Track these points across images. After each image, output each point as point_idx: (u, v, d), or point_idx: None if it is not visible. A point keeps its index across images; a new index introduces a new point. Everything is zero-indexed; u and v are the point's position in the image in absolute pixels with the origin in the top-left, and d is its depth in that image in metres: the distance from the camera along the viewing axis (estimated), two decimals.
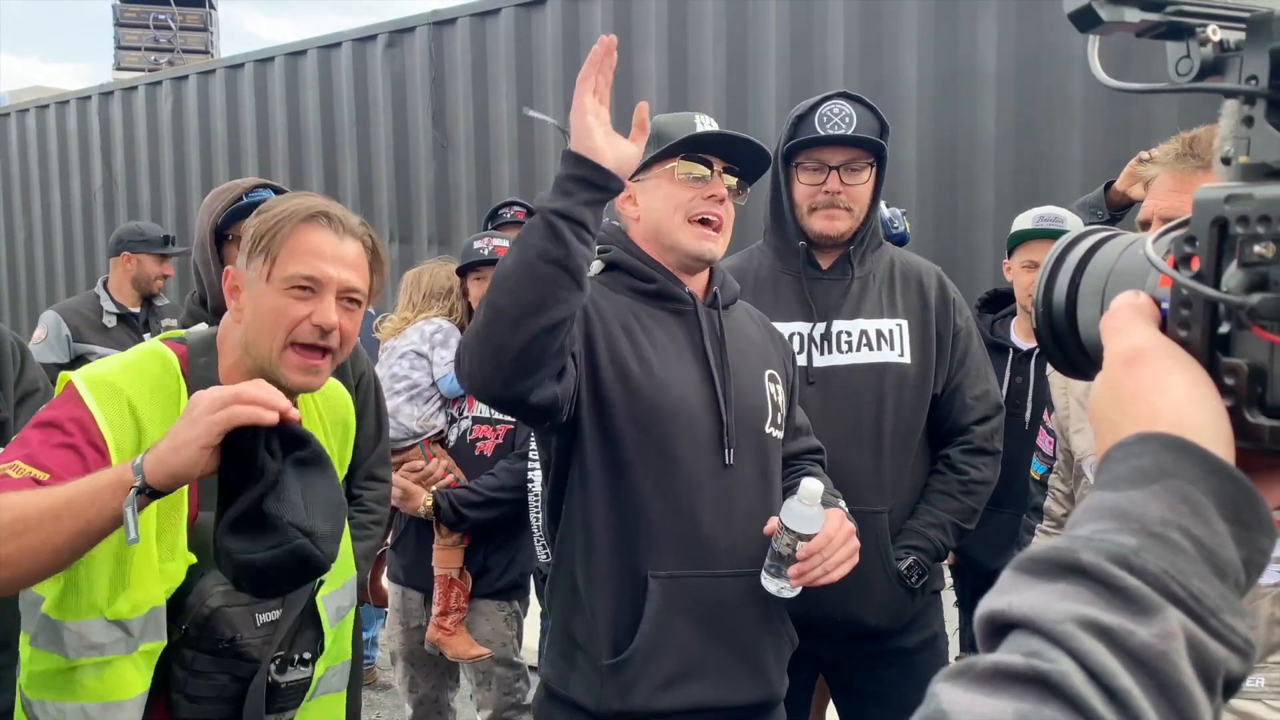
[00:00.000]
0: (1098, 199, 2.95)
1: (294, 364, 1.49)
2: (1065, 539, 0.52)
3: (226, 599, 1.47)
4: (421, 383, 2.86)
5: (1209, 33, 0.59)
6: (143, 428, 1.42)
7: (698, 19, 5.16)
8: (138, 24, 9.78)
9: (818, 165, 2.09)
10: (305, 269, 1.48)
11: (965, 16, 4.33)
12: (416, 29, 6.29)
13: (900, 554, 2.10)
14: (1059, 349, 0.69)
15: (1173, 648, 0.47)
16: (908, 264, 2.25)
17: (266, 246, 1.50)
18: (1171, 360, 0.57)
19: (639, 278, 1.74)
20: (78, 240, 8.36)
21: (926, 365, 2.15)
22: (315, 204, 1.54)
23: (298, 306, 1.48)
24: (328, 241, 1.51)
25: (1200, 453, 0.53)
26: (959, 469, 2.18)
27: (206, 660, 1.48)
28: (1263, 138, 0.58)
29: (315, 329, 1.48)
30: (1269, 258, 0.53)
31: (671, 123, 1.75)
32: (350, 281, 1.53)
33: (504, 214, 3.58)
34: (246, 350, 1.52)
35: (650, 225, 1.74)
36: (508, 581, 2.91)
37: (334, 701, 1.73)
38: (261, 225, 1.52)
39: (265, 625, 1.52)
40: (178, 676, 1.47)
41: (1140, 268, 0.62)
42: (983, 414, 2.22)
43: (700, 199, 1.70)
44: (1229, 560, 0.51)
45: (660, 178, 1.72)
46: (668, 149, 1.70)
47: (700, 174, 1.71)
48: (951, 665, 0.50)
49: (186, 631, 1.46)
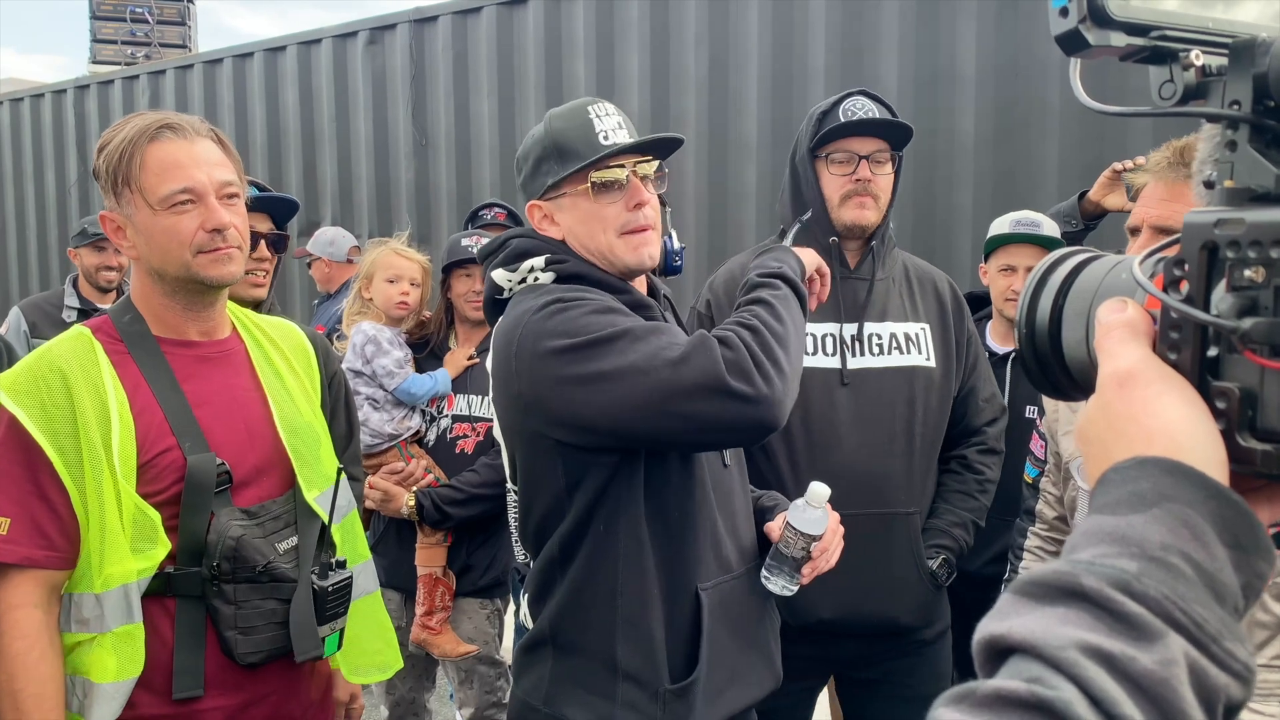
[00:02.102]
0: (1071, 208, 2.98)
1: (207, 265, 1.56)
2: (1065, 563, 0.52)
3: (246, 529, 1.54)
4: (376, 395, 2.80)
5: (1192, 58, 0.60)
6: (73, 391, 1.46)
7: (679, 20, 5.17)
8: (114, 17, 9.67)
9: (847, 156, 2.11)
10: (177, 183, 1.53)
11: (945, 21, 4.36)
12: (398, 26, 6.26)
13: (930, 553, 2.15)
14: (1041, 370, 0.69)
15: (1175, 674, 0.47)
16: (920, 268, 2.30)
17: (126, 177, 1.54)
18: (1165, 383, 0.57)
19: (609, 289, 1.61)
20: (52, 235, 8.25)
21: (949, 369, 2.20)
22: (152, 119, 1.58)
23: (186, 221, 1.54)
24: (182, 150, 1.55)
25: (1198, 476, 0.52)
26: (975, 468, 2.24)
27: (247, 589, 1.54)
28: (1247, 162, 0.59)
29: (211, 234, 1.54)
30: (1259, 282, 0.54)
31: (568, 129, 1.59)
32: (222, 176, 1.58)
33: (484, 215, 3.57)
34: (159, 278, 1.58)
35: (579, 246, 1.63)
36: (490, 579, 2.91)
37: (373, 602, 1.80)
38: (109, 158, 1.55)
39: (288, 551, 1.59)
40: (224, 613, 1.52)
41: (1126, 289, 0.63)
42: (992, 415, 2.30)
43: (625, 210, 1.58)
44: (1228, 585, 0.51)
45: (575, 197, 1.60)
46: (577, 171, 1.57)
47: (615, 182, 1.57)
48: (952, 690, 0.49)
49: (219, 568, 1.52)
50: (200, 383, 1.59)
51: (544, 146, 1.62)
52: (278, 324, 1.81)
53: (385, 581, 2.93)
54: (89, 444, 1.45)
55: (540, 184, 1.64)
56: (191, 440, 1.53)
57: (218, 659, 1.53)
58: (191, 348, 1.62)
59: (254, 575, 1.54)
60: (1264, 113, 0.58)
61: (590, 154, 1.56)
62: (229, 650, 1.53)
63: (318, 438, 1.71)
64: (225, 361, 1.65)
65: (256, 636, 1.55)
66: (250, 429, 1.62)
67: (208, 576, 1.51)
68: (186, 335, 1.61)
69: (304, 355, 1.81)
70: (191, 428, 1.54)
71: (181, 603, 1.51)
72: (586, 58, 5.47)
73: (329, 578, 1.61)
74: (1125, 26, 0.60)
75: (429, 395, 2.82)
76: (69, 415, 1.45)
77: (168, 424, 1.52)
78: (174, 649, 1.51)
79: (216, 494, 1.53)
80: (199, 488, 1.51)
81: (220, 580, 1.52)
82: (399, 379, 2.78)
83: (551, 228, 1.66)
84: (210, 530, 1.51)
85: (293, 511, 1.63)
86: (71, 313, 4.03)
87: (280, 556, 1.57)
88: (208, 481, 1.52)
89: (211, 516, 1.52)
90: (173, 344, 1.60)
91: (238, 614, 1.53)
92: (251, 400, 1.64)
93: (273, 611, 1.56)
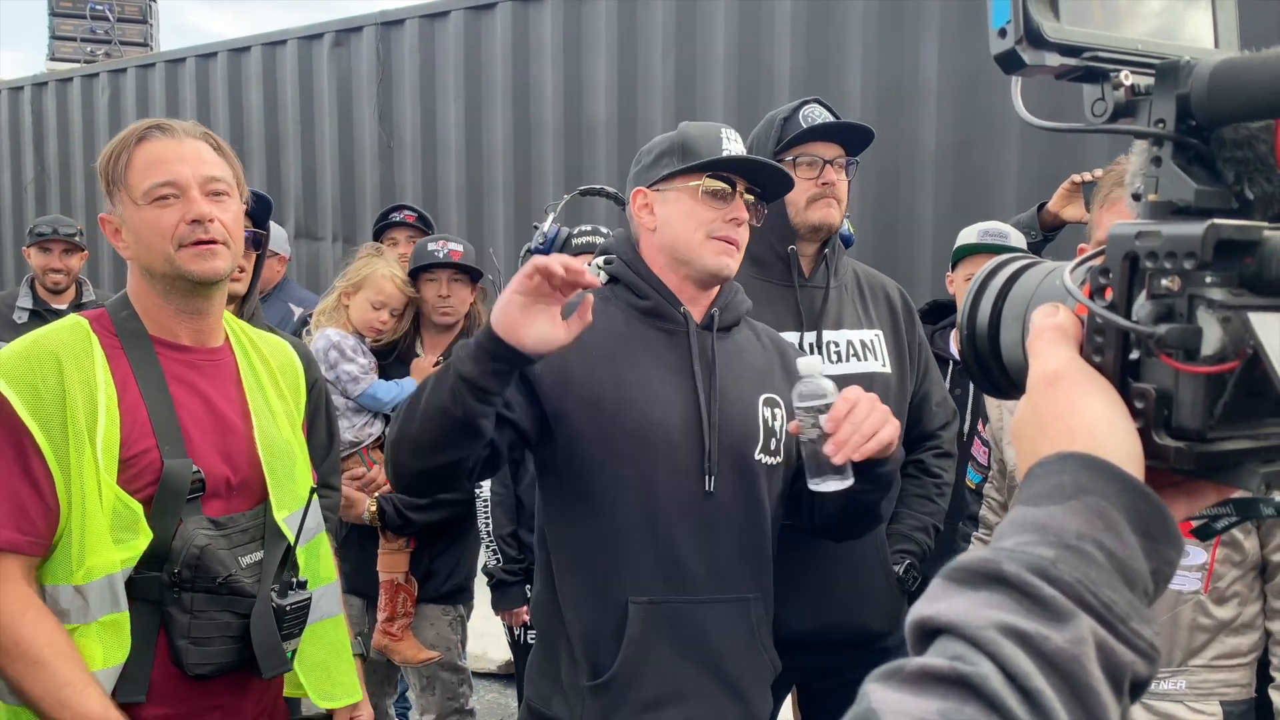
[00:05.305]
0: (1031, 219, 3.03)
1: (189, 259, 1.55)
2: (990, 550, 0.55)
3: (211, 539, 1.53)
4: (338, 402, 2.79)
5: (1121, 78, 0.64)
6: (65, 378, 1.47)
7: (647, 27, 5.20)
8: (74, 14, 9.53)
9: (812, 159, 2.15)
10: (157, 177, 1.55)
11: (909, 33, 4.43)
12: (364, 29, 6.23)
13: (896, 558, 2.16)
14: (982, 370, 0.73)
15: (1084, 652, 0.51)
16: (870, 275, 2.33)
17: (117, 178, 1.57)
18: (1088, 384, 0.60)
19: (635, 293, 1.73)
20: (7, 234, 8.11)
21: (904, 374, 2.23)
22: (145, 122, 1.62)
23: (167, 214, 1.55)
24: (168, 148, 1.57)
25: (1114, 471, 0.56)
26: (933, 472, 2.27)
27: (204, 599, 1.52)
28: (1169, 177, 0.62)
29: (192, 225, 1.54)
30: (1175, 291, 0.57)
31: (699, 135, 1.72)
32: (207, 171, 1.58)
33: (393, 216, 3.69)
34: (148, 275, 1.59)
35: (667, 238, 1.72)
36: (453, 585, 2.90)
37: (334, 625, 1.78)
38: (104, 163, 1.59)
39: (251, 565, 1.58)
40: (179, 621, 1.50)
41: (1058, 295, 0.66)
42: (945, 419, 2.33)
43: (721, 220, 1.68)
44: (1138, 571, 0.55)
45: (682, 192, 1.70)
46: (694, 166, 1.68)
47: (723, 193, 1.69)
48: (882, 667, 0.53)
49: (179, 575, 1.50)
50: (186, 388, 1.58)
51: (671, 143, 1.73)
52: (270, 340, 1.81)
53: (346, 587, 2.92)
54: (76, 433, 1.44)
55: (655, 173, 1.73)
56: (171, 444, 1.52)
57: (165, 667, 1.51)
58: (183, 352, 1.61)
59: (214, 586, 1.52)
60: (1186, 131, 0.62)
61: (711, 157, 1.69)
62: (178, 659, 1.51)
63: (294, 457, 1.70)
64: (214, 371, 1.64)
65: (208, 649, 1.53)
66: (228, 441, 1.61)
67: (167, 583, 1.49)
68: (178, 338, 1.61)
69: (292, 374, 1.80)
70: (173, 431, 1.53)
71: (136, 606, 1.49)
72: (554, 63, 5.49)
73: (288, 597, 1.60)
74: (1059, 48, 0.63)
75: (394, 402, 2.80)
76: (59, 401, 1.44)
77: (150, 424, 1.51)
78: None
79: (187, 501, 1.52)
80: (172, 492, 1.50)
81: (179, 588, 1.50)
82: (363, 385, 2.77)
83: (647, 216, 1.74)
84: (176, 536, 1.50)
85: (260, 527, 1.61)
86: (23, 313, 3.97)
87: (242, 570, 1.56)
88: (181, 487, 1.50)
89: (179, 523, 1.50)
90: (165, 346, 1.60)
91: (192, 623, 1.51)
92: (234, 413, 1.63)
93: (227, 625, 1.54)
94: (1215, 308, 0.56)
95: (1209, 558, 1.73)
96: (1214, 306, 0.56)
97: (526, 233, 4.75)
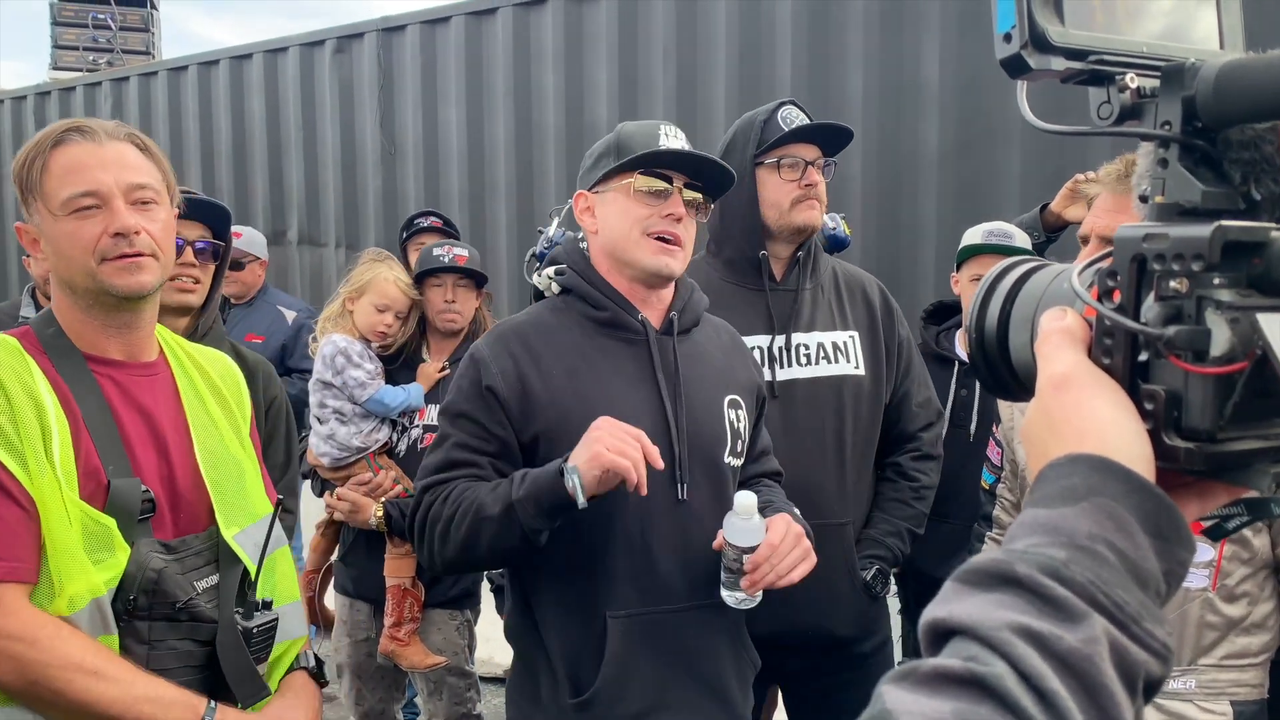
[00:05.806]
0: (1033, 220, 3.03)
1: (113, 273, 1.44)
2: (1003, 552, 0.56)
3: (166, 563, 1.43)
4: (344, 408, 2.79)
5: (1127, 80, 0.64)
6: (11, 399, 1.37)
7: (647, 31, 5.21)
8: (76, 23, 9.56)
9: (794, 161, 2.14)
10: (78, 186, 1.42)
11: (910, 35, 4.44)
12: (365, 35, 6.25)
13: (864, 564, 2.14)
14: (990, 372, 0.73)
15: (1097, 652, 0.51)
16: (850, 275, 2.30)
17: (32, 185, 1.45)
18: (1097, 386, 0.61)
19: (591, 304, 1.70)
20: (11, 243, 8.14)
21: (879, 376, 2.21)
22: (62, 124, 1.48)
23: (88, 226, 1.43)
24: (88, 153, 1.44)
25: (1124, 472, 0.57)
26: (910, 475, 2.24)
27: (164, 628, 1.42)
28: (1176, 179, 0.62)
29: (115, 239, 1.43)
30: (1183, 292, 0.58)
31: (636, 133, 1.69)
32: (131, 178, 1.46)
33: (419, 223, 3.65)
34: (69, 290, 1.47)
35: (607, 240, 1.70)
36: (460, 590, 2.90)
37: (296, 647, 1.67)
38: (18, 167, 1.46)
39: (207, 590, 1.48)
40: (135, 653, 1.40)
41: (1067, 298, 0.66)
42: (926, 421, 2.29)
43: (658, 217, 1.64)
44: (1150, 571, 0.55)
45: (618, 191, 1.67)
46: (627, 163, 1.64)
47: (659, 189, 1.65)
48: (897, 668, 0.53)
49: (135, 602, 1.40)
50: (125, 404, 1.49)
51: (608, 144, 1.72)
52: (207, 352, 1.71)
53: (354, 592, 2.93)
54: (34, 453, 1.36)
55: (594, 175, 1.72)
56: (115, 464, 1.42)
57: None
58: (116, 368, 1.52)
59: (173, 612, 1.42)
60: (1192, 133, 0.62)
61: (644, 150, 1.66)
62: None
63: (242, 471, 1.60)
64: (150, 386, 1.54)
65: (172, 679, 1.42)
66: (170, 458, 1.51)
67: (120, 611, 1.39)
68: (108, 354, 1.51)
69: (234, 385, 1.69)
70: (116, 450, 1.43)
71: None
72: (555, 66, 5.50)
73: (254, 618, 1.51)
74: (1064, 51, 0.63)
75: (401, 407, 2.81)
76: (13, 423, 1.36)
77: (93, 444, 1.41)
78: None
79: (138, 523, 1.42)
80: (122, 514, 1.39)
81: (134, 616, 1.39)
82: (370, 390, 2.78)
83: (589, 219, 1.73)
84: (130, 561, 1.39)
85: (214, 549, 1.51)
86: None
87: (199, 595, 1.46)
88: (132, 508, 1.41)
89: (131, 547, 1.40)
90: (97, 362, 1.50)
91: (150, 654, 1.41)
92: (174, 428, 1.54)
93: (189, 654, 1.44)
94: (1223, 309, 0.56)
95: (1216, 554, 1.73)
96: (1222, 308, 0.56)
97: (529, 237, 4.76)
